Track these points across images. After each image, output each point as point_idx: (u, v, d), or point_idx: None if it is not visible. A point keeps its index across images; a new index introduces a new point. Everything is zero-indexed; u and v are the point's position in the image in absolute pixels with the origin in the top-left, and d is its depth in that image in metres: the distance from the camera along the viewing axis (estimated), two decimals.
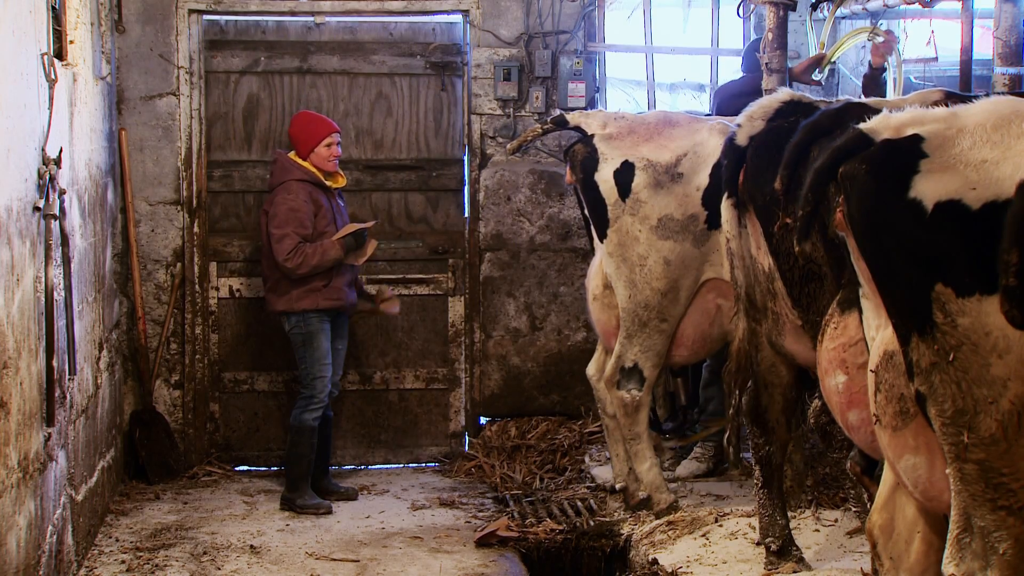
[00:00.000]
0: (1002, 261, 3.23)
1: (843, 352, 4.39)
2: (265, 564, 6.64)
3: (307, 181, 7.52)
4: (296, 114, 7.84)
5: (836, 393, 4.47)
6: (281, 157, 7.64)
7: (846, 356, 4.41)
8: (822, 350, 4.53)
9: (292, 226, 7.40)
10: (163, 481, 8.10)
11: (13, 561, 4.89)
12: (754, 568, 5.84)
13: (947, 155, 3.51)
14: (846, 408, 4.45)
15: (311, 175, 7.54)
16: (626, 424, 6.91)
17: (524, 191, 8.57)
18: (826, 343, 4.51)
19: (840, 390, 4.44)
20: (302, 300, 7.46)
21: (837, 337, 4.44)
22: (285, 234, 7.40)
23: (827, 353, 4.50)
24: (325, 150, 7.54)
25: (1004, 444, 3.45)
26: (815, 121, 4.58)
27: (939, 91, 5.16)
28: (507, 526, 7.05)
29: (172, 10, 8.25)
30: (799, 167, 4.53)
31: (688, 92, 9.97)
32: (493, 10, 8.48)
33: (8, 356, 4.83)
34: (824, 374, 4.54)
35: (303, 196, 7.47)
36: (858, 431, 4.46)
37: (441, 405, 8.73)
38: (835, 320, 4.48)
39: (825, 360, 4.51)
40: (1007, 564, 3.49)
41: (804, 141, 4.51)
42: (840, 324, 4.45)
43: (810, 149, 4.49)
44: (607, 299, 6.96)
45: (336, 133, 7.61)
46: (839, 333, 4.44)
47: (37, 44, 5.50)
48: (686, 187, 6.67)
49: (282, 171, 7.58)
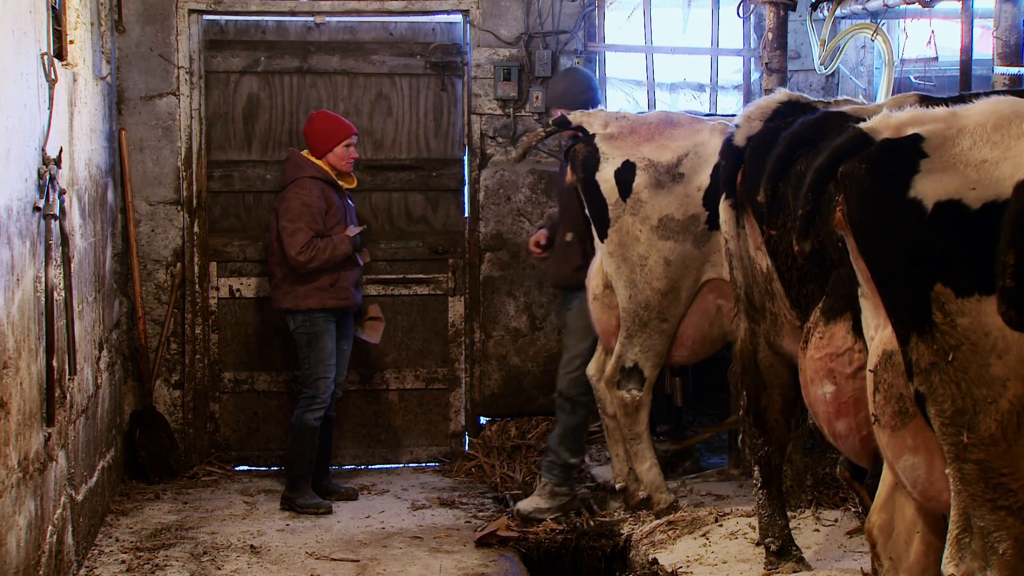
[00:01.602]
0: (999, 262, 3.23)
1: (830, 362, 4.38)
2: (265, 564, 6.64)
3: (320, 179, 7.55)
4: (314, 113, 7.82)
5: (823, 403, 4.46)
6: (295, 155, 7.67)
7: (834, 366, 4.40)
8: (806, 359, 4.51)
9: (305, 220, 7.42)
10: (163, 481, 8.10)
11: (13, 561, 4.89)
12: (754, 568, 5.84)
13: (947, 155, 3.51)
14: (834, 418, 4.45)
15: (324, 173, 7.57)
16: (626, 424, 6.91)
17: (524, 191, 8.57)
18: (811, 352, 4.49)
19: (828, 399, 4.43)
20: (308, 298, 7.46)
21: (823, 347, 4.43)
22: (298, 228, 7.42)
23: (812, 362, 4.48)
24: (343, 151, 7.59)
25: (1003, 444, 3.45)
26: (795, 132, 4.59)
27: (913, 95, 5.15)
28: (507, 526, 7.06)
29: (172, 10, 8.25)
30: (780, 179, 4.56)
31: (688, 92, 9.97)
32: (493, 10, 8.48)
33: (8, 356, 4.83)
34: (809, 383, 4.52)
35: (316, 192, 7.50)
36: (846, 440, 4.46)
37: (441, 405, 8.73)
38: (820, 329, 4.47)
39: (811, 369, 4.49)
40: (1007, 564, 3.49)
41: (785, 153, 4.54)
42: (826, 333, 4.44)
43: (793, 160, 4.51)
44: (607, 299, 6.95)
45: (354, 135, 7.65)
46: (825, 343, 4.43)
47: (37, 44, 5.50)
48: (687, 187, 6.67)
49: (295, 168, 7.60)
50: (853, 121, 3.90)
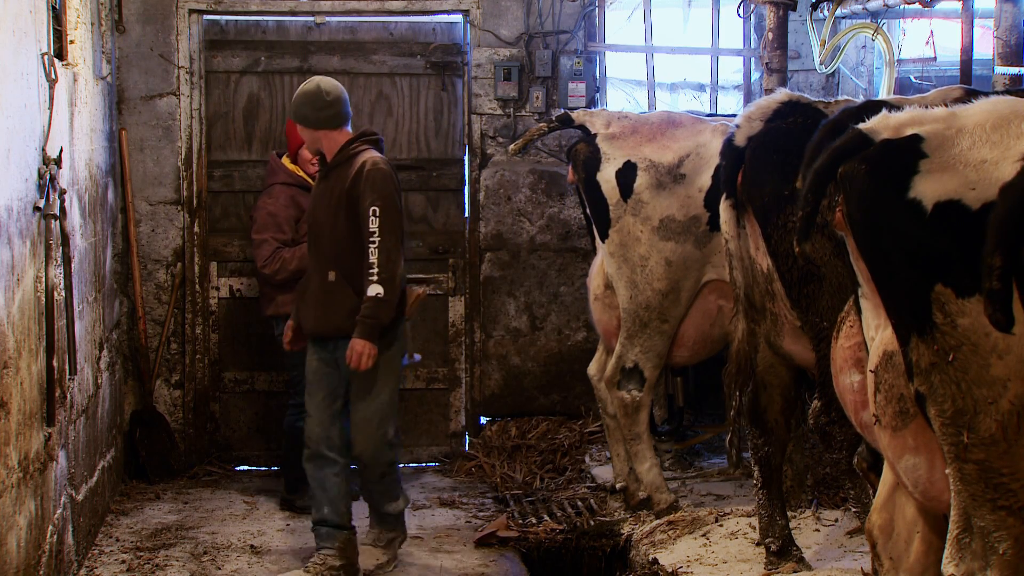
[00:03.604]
0: (986, 265, 3.22)
1: (859, 351, 4.36)
2: (265, 564, 6.64)
3: (292, 184, 7.49)
4: None
5: (851, 391, 4.44)
6: (271, 159, 7.66)
7: (862, 355, 4.39)
8: (837, 348, 4.51)
9: (271, 231, 7.37)
10: (163, 481, 8.10)
11: (13, 561, 4.89)
12: (754, 568, 5.84)
13: (947, 155, 3.51)
14: (861, 407, 4.43)
15: (297, 178, 7.51)
16: (626, 424, 6.91)
17: (524, 191, 8.58)
18: (841, 341, 4.48)
19: (855, 388, 4.41)
20: (286, 306, 7.26)
21: (852, 336, 4.42)
22: (263, 240, 7.37)
23: (842, 351, 4.47)
24: (307, 152, 7.33)
25: (1004, 444, 3.45)
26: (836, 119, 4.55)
27: (959, 88, 5.14)
28: (507, 526, 7.06)
29: (172, 10, 8.25)
30: None
31: (688, 92, 9.97)
32: (493, 10, 8.48)
33: (8, 356, 4.83)
34: (839, 372, 4.51)
35: (283, 200, 7.43)
36: (871, 430, 4.45)
37: (441, 405, 8.73)
38: (851, 318, 4.46)
39: (840, 358, 4.49)
40: (1007, 564, 3.49)
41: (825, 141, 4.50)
42: (856, 323, 4.43)
43: None
44: (608, 299, 6.96)
45: None
46: (855, 332, 4.41)
47: (37, 44, 5.50)
48: (688, 188, 6.67)
49: (270, 174, 7.61)
50: (893, 111, 3.87)
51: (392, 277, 6.06)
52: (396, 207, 6.17)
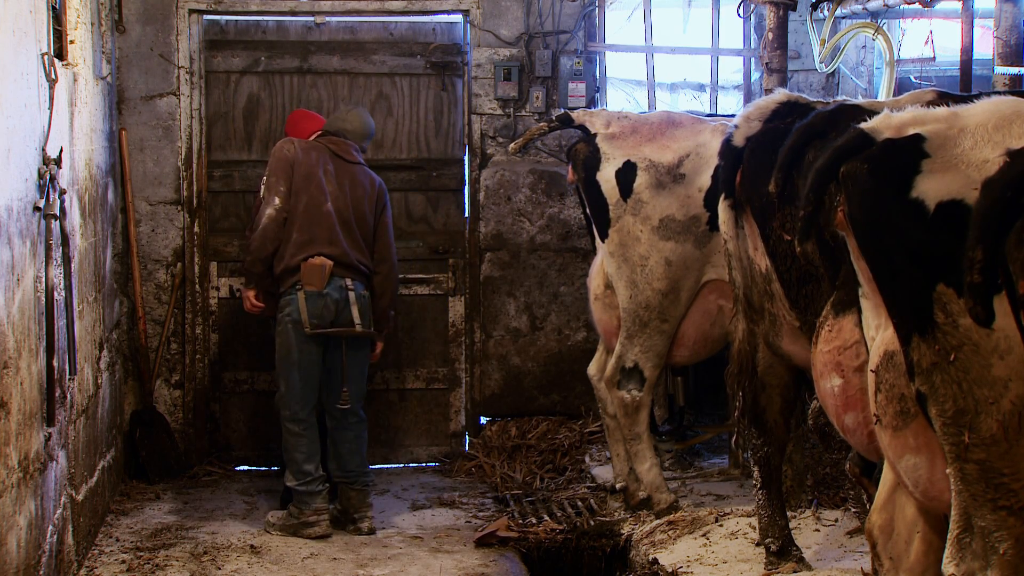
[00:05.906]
0: (967, 258, 3.22)
1: (838, 355, 4.38)
2: (265, 564, 6.64)
3: None
4: (292, 112, 7.84)
5: (832, 396, 4.47)
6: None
7: (841, 359, 4.40)
8: (816, 352, 4.52)
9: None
10: (163, 481, 8.09)
11: (13, 561, 4.89)
12: (754, 568, 5.85)
13: (949, 155, 3.51)
14: (842, 411, 4.45)
15: None
16: (626, 424, 6.91)
17: (524, 191, 8.58)
18: (820, 345, 4.50)
19: (836, 393, 4.43)
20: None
21: (832, 340, 4.43)
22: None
23: (822, 356, 4.49)
24: None
25: (1005, 444, 3.45)
26: (809, 123, 4.58)
27: (931, 91, 5.14)
28: (507, 526, 7.06)
29: (172, 10, 8.25)
30: (793, 169, 4.55)
31: (688, 92, 9.97)
32: (493, 10, 8.48)
33: (8, 356, 4.83)
34: (819, 377, 4.53)
35: None
36: (854, 434, 4.46)
37: (441, 405, 8.73)
38: (829, 323, 4.47)
39: (820, 363, 4.50)
40: (1007, 564, 3.49)
41: (798, 144, 4.53)
42: (835, 327, 4.44)
43: (805, 152, 4.50)
44: (608, 299, 6.96)
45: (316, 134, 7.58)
46: (833, 336, 4.43)
47: (37, 44, 5.50)
48: (688, 188, 6.68)
49: None
50: (869, 114, 3.89)
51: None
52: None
